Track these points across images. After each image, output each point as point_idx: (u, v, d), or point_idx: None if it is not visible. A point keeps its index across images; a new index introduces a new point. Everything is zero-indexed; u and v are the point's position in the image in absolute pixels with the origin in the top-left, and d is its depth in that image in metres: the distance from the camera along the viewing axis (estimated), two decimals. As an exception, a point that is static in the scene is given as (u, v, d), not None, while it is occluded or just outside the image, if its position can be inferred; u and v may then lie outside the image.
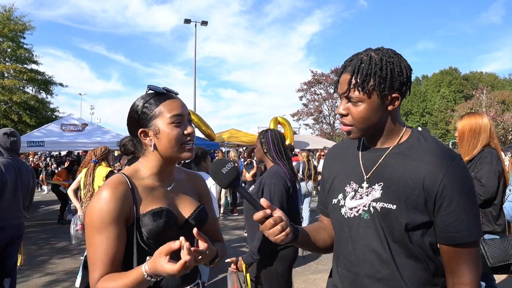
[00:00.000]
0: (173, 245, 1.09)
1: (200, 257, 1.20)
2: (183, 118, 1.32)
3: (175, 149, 1.31)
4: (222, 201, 9.88)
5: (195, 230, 1.18)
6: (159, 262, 1.09)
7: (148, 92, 1.33)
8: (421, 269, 1.19)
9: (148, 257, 1.16)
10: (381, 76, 1.17)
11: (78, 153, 16.58)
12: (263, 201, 1.18)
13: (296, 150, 13.39)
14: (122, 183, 1.29)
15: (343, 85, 1.22)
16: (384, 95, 1.19)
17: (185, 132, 1.32)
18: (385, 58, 1.19)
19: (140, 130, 1.32)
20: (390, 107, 1.22)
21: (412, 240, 1.18)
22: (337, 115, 1.30)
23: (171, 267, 1.06)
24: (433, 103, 47.80)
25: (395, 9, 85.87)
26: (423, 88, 51.50)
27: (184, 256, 1.06)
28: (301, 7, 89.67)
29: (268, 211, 1.16)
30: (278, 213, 1.18)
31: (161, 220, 1.27)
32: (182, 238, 1.09)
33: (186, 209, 1.40)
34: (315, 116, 38.00)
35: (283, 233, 1.17)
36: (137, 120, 1.32)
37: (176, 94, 1.39)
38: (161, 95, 1.34)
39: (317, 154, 13.66)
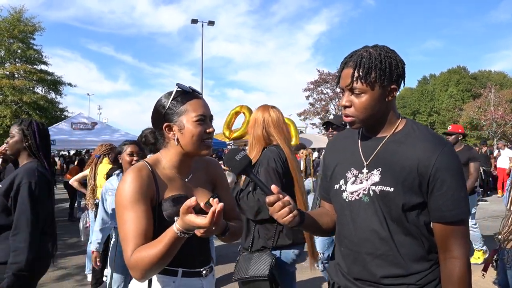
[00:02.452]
0: (189, 202, 1.15)
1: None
2: (206, 117, 1.43)
3: (196, 145, 1.41)
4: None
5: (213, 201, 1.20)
6: (188, 219, 1.16)
7: (176, 90, 1.43)
8: (417, 246, 1.30)
9: (176, 218, 1.26)
10: (381, 68, 1.28)
11: (88, 151, 16.69)
12: (273, 187, 1.27)
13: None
14: (145, 168, 1.41)
15: (346, 78, 1.32)
16: (384, 86, 1.30)
17: (207, 130, 1.42)
18: (383, 53, 1.30)
19: (165, 124, 1.42)
20: (389, 98, 1.33)
21: (409, 219, 1.28)
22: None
23: (202, 221, 1.14)
24: (441, 102, 47.32)
25: (402, 8, 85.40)
26: (430, 87, 50.93)
27: (214, 205, 1.14)
28: (308, 6, 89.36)
29: (280, 195, 1.26)
30: (286, 197, 1.27)
31: (180, 205, 1.36)
32: (194, 198, 1.16)
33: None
34: (321, 116, 37.94)
35: (291, 215, 1.26)
36: (163, 114, 1.42)
37: (201, 94, 1.49)
38: (188, 93, 1.43)
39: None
